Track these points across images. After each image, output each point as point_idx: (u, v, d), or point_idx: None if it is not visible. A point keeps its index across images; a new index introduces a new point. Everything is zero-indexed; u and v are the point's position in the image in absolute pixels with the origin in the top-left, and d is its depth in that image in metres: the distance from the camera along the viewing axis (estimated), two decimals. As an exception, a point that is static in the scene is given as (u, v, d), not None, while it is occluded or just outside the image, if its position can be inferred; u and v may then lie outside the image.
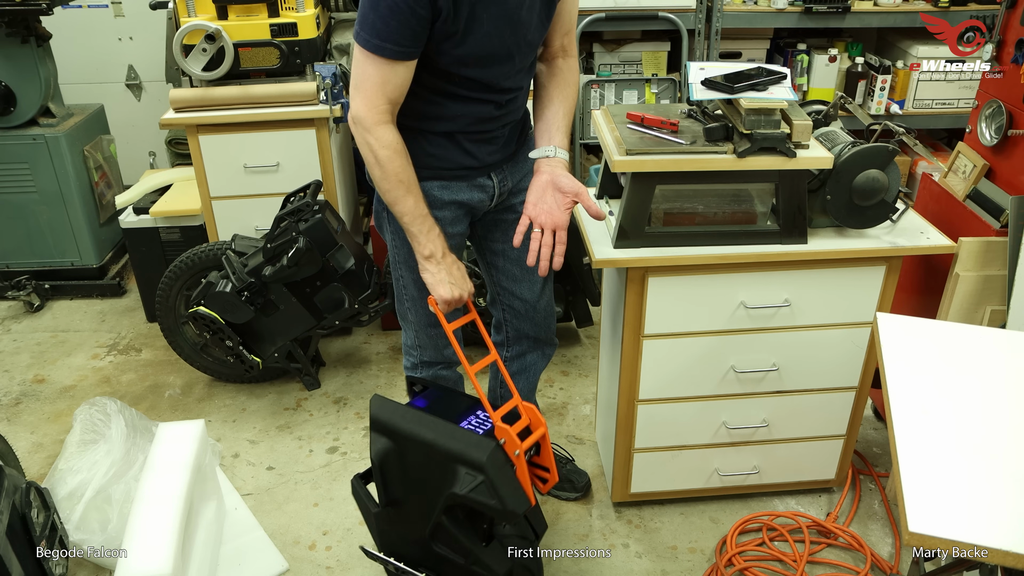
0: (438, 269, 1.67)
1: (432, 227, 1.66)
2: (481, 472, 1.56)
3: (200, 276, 2.67)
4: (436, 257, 1.67)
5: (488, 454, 1.57)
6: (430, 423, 1.66)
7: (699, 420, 2.11)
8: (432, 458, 1.64)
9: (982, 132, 2.18)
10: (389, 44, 1.49)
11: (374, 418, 1.72)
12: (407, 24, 1.47)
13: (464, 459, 1.59)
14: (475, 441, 1.60)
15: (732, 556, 2.07)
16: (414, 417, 1.68)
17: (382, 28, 1.48)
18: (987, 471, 1.24)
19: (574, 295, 2.87)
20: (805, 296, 1.94)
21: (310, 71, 2.76)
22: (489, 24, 1.54)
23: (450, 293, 1.67)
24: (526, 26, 1.61)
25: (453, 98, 1.64)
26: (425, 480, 1.67)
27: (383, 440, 1.71)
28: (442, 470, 1.62)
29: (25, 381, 2.89)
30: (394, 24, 1.47)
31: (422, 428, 1.66)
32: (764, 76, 1.78)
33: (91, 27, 3.73)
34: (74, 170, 3.20)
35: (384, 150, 1.59)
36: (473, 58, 1.58)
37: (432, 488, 1.65)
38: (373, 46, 1.50)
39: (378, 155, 1.59)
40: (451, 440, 1.62)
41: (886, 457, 2.44)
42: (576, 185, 1.70)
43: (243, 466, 2.48)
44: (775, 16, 3.18)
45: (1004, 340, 1.56)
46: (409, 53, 1.52)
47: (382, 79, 1.54)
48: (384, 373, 2.90)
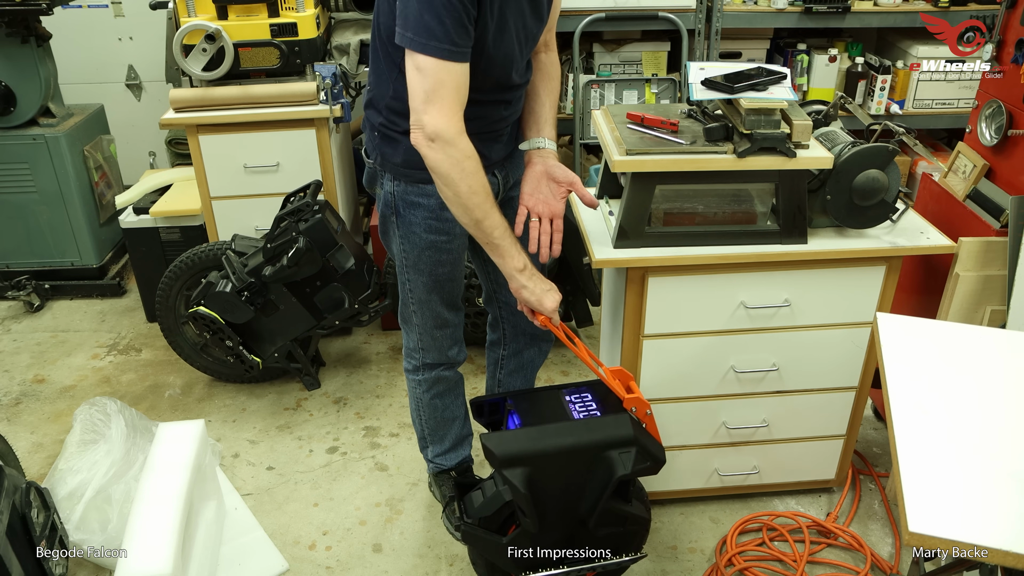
0: (534, 281, 1.64)
1: (516, 239, 1.63)
2: (634, 444, 1.63)
3: (200, 276, 2.67)
4: (529, 268, 1.64)
5: (632, 427, 1.64)
6: (559, 431, 1.66)
7: (699, 420, 2.11)
8: (577, 459, 1.64)
9: (982, 132, 2.18)
10: (453, 47, 1.44)
11: (504, 456, 1.61)
12: (462, 23, 1.44)
13: (613, 443, 1.64)
14: (612, 422, 1.66)
15: (732, 556, 2.07)
16: (538, 435, 1.66)
17: (440, 30, 1.42)
18: (987, 471, 1.24)
19: (574, 295, 2.86)
20: (805, 296, 1.94)
21: (310, 71, 2.76)
22: (511, 20, 1.55)
23: (554, 300, 1.65)
24: (532, 20, 1.62)
25: (470, 103, 1.61)
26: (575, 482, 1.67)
27: (518, 472, 1.62)
28: (594, 463, 1.65)
29: (25, 381, 2.89)
30: (452, 25, 1.42)
31: (557, 439, 1.64)
32: (764, 76, 1.78)
33: (91, 27, 3.73)
34: (74, 170, 3.20)
35: (469, 161, 1.51)
36: (501, 55, 1.58)
37: (589, 484, 1.67)
38: (440, 51, 1.43)
39: (465, 167, 1.50)
40: (591, 433, 1.65)
41: (886, 457, 2.44)
42: (569, 175, 1.73)
43: (243, 466, 2.48)
44: (775, 16, 3.18)
45: (1004, 340, 1.56)
46: (467, 54, 1.49)
47: (454, 84, 1.47)
48: (384, 373, 2.90)
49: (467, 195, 1.53)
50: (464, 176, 1.51)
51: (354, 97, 2.93)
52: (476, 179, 1.52)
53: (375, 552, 2.16)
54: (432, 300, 1.85)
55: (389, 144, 1.70)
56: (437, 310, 1.87)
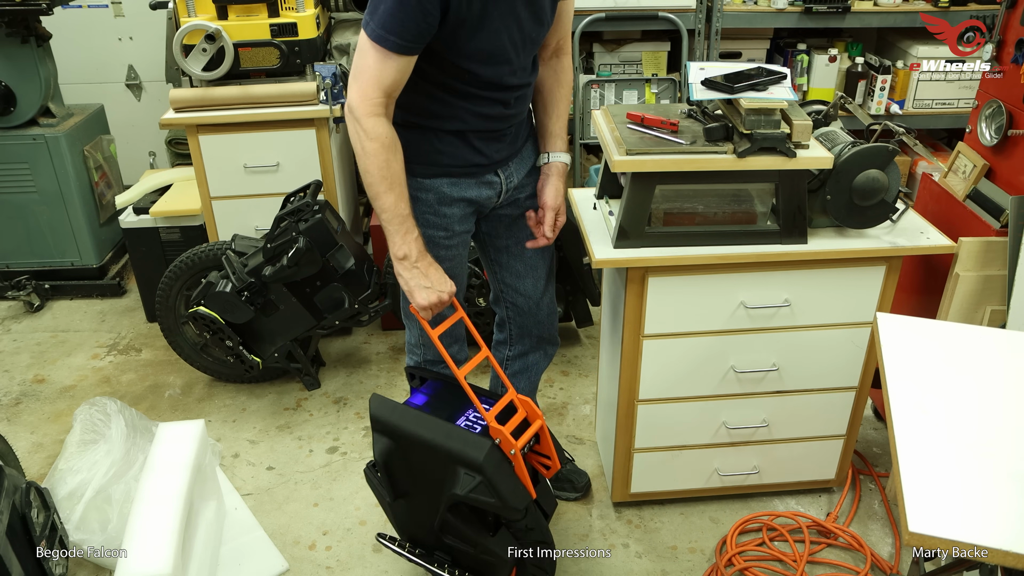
0: (412, 273, 1.66)
1: (411, 229, 1.65)
2: (480, 472, 1.57)
3: (200, 276, 2.67)
4: (411, 259, 1.65)
5: (485, 454, 1.57)
6: (427, 422, 1.66)
7: (699, 420, 2.11)
8: (432, 457, 1.64)
9: (982, 132, 2.18)
10: (392, 36, 1.49)
11: (373, 417, 1.71)
12: (412, 19, 1.47)
13: (462, 459, 1.59)
14: (472, 441, 1.60)
15: (732, 556, 2.07)
16: (412, 416, 1.68)
17: (388, 20, 1.48)
18: (987, 471, 1.24)
19: (574, 295, 2.87)
20: (805, 296, 1.94)
21: (310, 71, 2.76)
22: (498, 20, 1.55)
23: (427, 299, 1.66)
24: (529, 23, 1.61)
25: (464, 97, 1.64)
26: (428, 477, 1.67)
27: (384, 439, 1.71)
28: (443, 469, 1.63)
29: (25, 381, 2.89)
30: (400, 17, 1.47)
31: (420, 427, 1.66)
32: (764, 76, 1.78)
33: (91, 27, 3.73)
34: (74, 170, 3.20)
35: (371, 142, 1.57)
36: (484, 53, 1.58)
37: (435, 485, 1.66)
38: (377, 36, 1.50)
39: (364, 147, 1.58)
40: (448, 440, 1.62)
41: (886, 457, 2.44)
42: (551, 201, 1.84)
43: (243, 466, 2.48)
44: (775, 16, 3.18)
45: (1004, 340, 1.56)
46: (409, 48, 1.52)
47: (379, 70, 1.53)
48: (384, 373, 2.90)
49: (363, 171, 1.61)
50: (364, 152, 1.58)
51: (354, 97, 2.92)
52: (376, 159, 1.58)
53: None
54: None
55: None
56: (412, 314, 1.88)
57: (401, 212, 1.63)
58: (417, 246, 1.66)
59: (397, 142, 1.61)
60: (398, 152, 1.61)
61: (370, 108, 1.56)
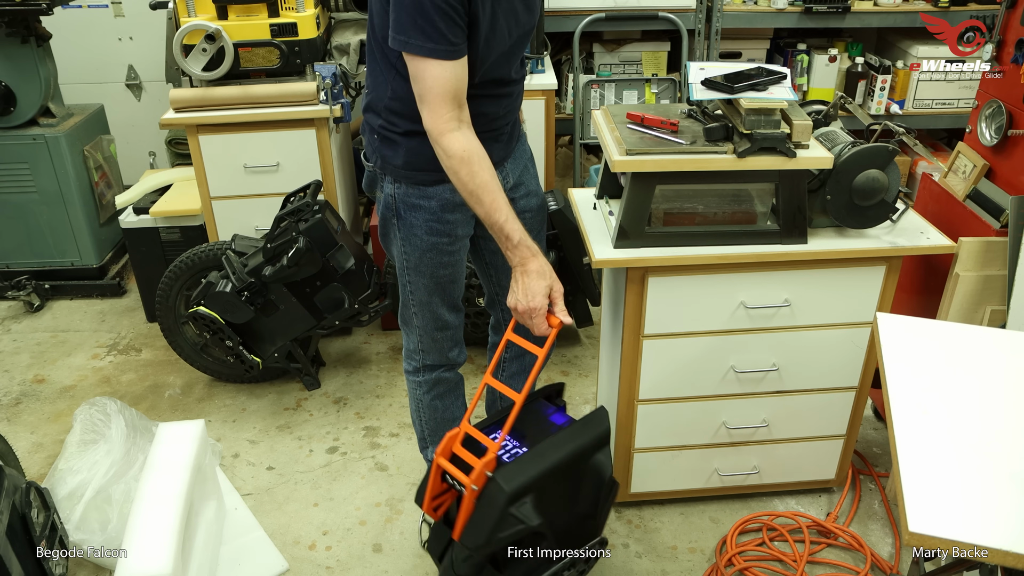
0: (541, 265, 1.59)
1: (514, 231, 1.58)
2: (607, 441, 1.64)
3: (200, 276, 2.67)
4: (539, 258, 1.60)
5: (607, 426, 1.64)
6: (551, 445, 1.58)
7: (699, 420, 2.11)
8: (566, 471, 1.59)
9: (982, 132, 2.18)
10: (450, 46, 1.47)
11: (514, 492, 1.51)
12: (453, 21, 1.46)
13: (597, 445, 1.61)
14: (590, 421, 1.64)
15: (732, 556, 2.07)
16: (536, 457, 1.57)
17: (430, 31, 1.45)
18: (987, 471, 1.24)
19: (574, 295, 2.87)
20: (805, 296, 1.94)
21: (310, 71, 2.76)
22: (502, 15, 1.56)
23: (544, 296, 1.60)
24: (523, 13, 1.63)
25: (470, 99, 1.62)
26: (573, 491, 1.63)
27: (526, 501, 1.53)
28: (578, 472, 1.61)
29: (25, 381, 2.89)
30: (440, 26, 1.45)
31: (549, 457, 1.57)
32: (764, 76, 1.78)
33: (91, 27, 3.73)
34: (74, 170, 3.20)
35: (448, 160, 1.54)
36: (495, 54, 1.59)
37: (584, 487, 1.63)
38: (427, 50, 1.46)
39: (446, 166, 1.54)
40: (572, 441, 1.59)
41: (886, 457, 2.44)
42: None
43: (243, 466, 2.48)
44: (775, 16, 3.18)
45: (1004, 340, 1.56)
46: (460, 49, 1.50)
47: (442, 84, 1.50)
48: (384, 373, 2.90)
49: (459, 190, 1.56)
50: (448, 174, 1.55)
51: (354, 97, 2.93)
52: (455, 178, 1.55)
53: (375, 552, 2.16)
54: (433, 302, 1.85)
55: (389, 146, 1.70)
56: (438, 312, 1.87)
57: (497, 221, 1.56)
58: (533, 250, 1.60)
59: (477, 151, 1.55)
60: (479, 161, 1.54)
61: (443, 126, 1.52)
